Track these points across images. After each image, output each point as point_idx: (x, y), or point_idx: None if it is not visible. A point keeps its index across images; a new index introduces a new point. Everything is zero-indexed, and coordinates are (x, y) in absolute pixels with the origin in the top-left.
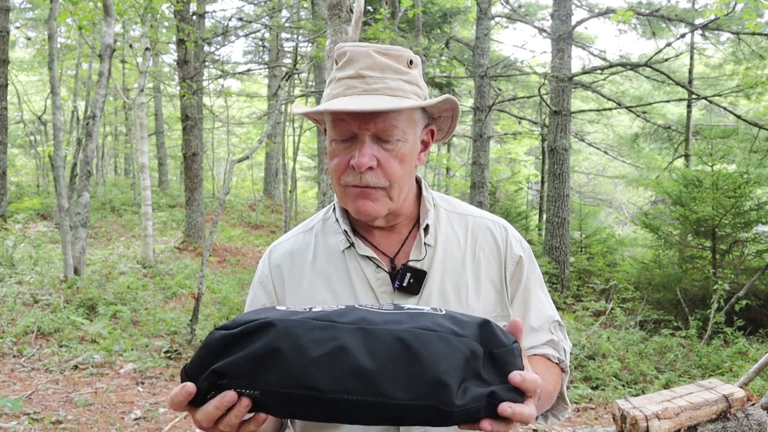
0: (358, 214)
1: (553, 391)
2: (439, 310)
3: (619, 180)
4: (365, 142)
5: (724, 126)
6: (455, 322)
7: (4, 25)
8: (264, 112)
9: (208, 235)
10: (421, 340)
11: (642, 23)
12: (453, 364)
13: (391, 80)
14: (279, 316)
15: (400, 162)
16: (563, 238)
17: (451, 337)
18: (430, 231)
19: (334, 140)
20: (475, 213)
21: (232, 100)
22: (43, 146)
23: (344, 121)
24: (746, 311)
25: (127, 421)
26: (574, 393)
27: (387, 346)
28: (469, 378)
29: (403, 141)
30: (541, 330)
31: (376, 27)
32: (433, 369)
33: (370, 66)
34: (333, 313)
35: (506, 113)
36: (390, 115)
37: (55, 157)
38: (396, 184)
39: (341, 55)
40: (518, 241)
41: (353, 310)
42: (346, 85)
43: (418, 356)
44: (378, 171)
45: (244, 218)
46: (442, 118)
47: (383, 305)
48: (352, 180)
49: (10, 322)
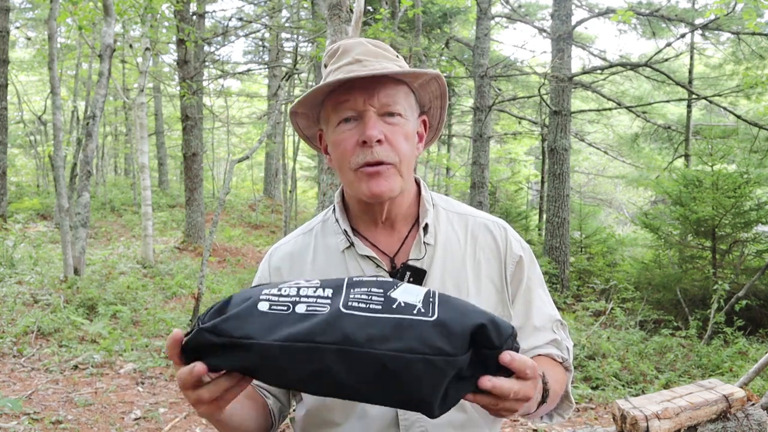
0: (372, 196)
1: (559, 390)
2: (431, 308)
3: (619, 180)
4: (372, 117)
5: (724, 126)
6: (445, 333)
7: (4, 25)
8: (264, 112)
9: (208, 235)
10: (405, 365)
11: (642, 23)
12: (437, 385)
13: (386, 63)
14: (259, 330)
15: (406, 138)
16: (563, 238)
17: (438, 360)
18: (430, 230)
19: (338, 124)
20: (474, 213)
21: (232, 100)
22: (43, 146)
23: (348, 100)
24: (746, 311)
25: (127, 421)
26: (574, 393)
27: (370, 369)
28: (452, 384)
29: (405, 118)
30: (544, 329)
31: (376, 27)
32: (416, 393)
33: (365, 53)
34: (316, 328)
35: (506, 113)
36: (391, 90)
37: (55, 157)
38: (404, 159)
39: (334, 50)
40: (518, 241)
41: (338, 320)
42: (345, 70)
43: (401, 381)
44: (387, 145)
45: (244, 218)
46: (432, 108)
47: (372, 291)
48: (363, 158)
49: (10, 322)
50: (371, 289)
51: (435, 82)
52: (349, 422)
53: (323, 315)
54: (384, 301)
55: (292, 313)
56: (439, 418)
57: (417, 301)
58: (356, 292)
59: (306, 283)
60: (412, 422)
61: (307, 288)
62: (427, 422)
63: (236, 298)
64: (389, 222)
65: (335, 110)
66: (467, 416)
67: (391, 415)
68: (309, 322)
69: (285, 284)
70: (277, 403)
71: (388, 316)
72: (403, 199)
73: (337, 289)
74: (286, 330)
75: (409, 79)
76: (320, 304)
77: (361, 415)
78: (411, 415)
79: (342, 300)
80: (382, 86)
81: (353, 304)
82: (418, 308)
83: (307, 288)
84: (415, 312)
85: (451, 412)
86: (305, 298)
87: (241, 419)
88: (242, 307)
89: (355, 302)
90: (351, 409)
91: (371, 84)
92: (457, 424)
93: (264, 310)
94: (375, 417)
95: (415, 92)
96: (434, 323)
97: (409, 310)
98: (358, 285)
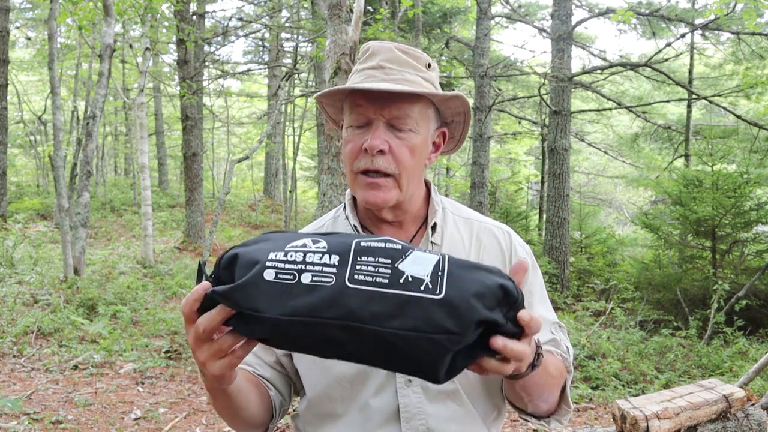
0: (367, 203)
1: (556, 375)
2: (439, 283)
3: (619, 180)
4: (379, 127)
5: (724, 126)
6: (451, 312)
7: (4, 25)
8: (264, 112)
9: (208, 235)
10: (409, 343)
11: (642, 23)
12: (441, 360)
13: (409, 74)
14: (266, 303)
15: (411, 152)
16: (563, 238)
17: (443, 338)
18: (437, 230)
19: (350, 126)
20: (480, 218)
21: (232, 100)
22: (43, 146)
23: (361, 106)
24: (746, 311)
25: (127, 421)
26: (574, 393)
27: (374, 344)
28: (459, 355)
29: (415, 132)
30: (543, 330)
31: (376, 27)
32: (421, 366)
33: (390, 59)
34: (321, 303)
35: (506, 113)
36: (404, 104)
37: (55, 157)
38: (405, 173)
39: (365, 50)
40: (522, 246)
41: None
42: (366, 74)
43: (406, 356)
44: (389, 156)
45: (244, 218)
46: (454, 123)
47: (380, 261)
48: (363, 164)
49: (10, 322)
50: (379, 260)
51: (457, 99)
52: (351, 414)
53: (328, 288)
54: (391, 274)
55: (297, 283)
56: (438, 411)
57: (425, 275)
58: (363, 262)
59: (313, 246)
60: (413, 415)
61: (314, 254)
62: (428, 415)
63: (242, 257)
64: (398, 222)
65: (350, 112)
66: (466, 410)
67: (392, 408)
68: (313, 295)
69: (292, 246)
70: (279, 396)
71: (393, 291)
72: (413, 201)
73: (344, 256)
74: (292, 302)
75: (428, 96)
76: (326, 274)
77: (362, 407)
78: (411, 408)
79: (348, 272)
80: (395, 99)
81: (359, 277)
82: (426, 283)
83: (313, 254)
84: (422, 288)
85: (451, 406)
86: (311, 266)
87: (246, 399)
88: (249, 276)
89: (361, 275)
90: (353, 401)
91: (385, 95)
92: (457, 418)
93: (270, 279)
94: (376, 409)
95: (437, 105)
96: (440, 301)
97: (416, 285)
98: (365, 252)
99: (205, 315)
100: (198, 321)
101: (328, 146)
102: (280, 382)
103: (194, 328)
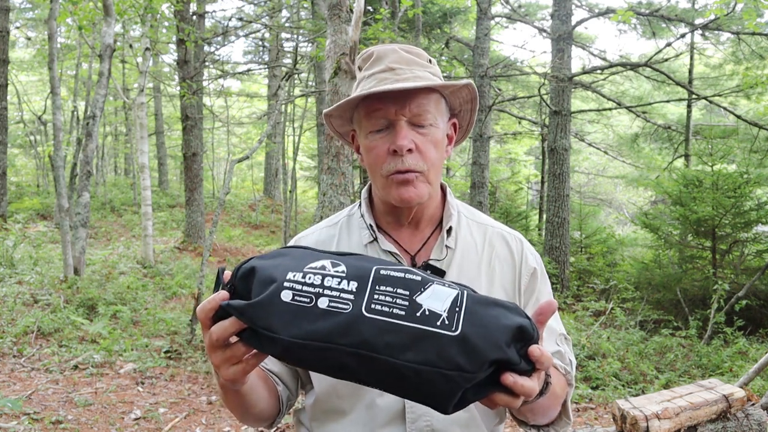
0: (402, 201)
1: (561, 394)
2: (456, 320)
3: (619, 180)
4: (403, 126)
5: (724, 126)
6: (466, 349)
7: (4, 25)
8: (264, 112)
9: (208, 235)
10: (421, 376)
11: (642, 23)
12: (452, 395)
13: (419, 71)
14: (281, 324)
15: (435, 147)
16: (563, 238)
17: (455, 375)
18: (452, 234)
19: (370, 132)
20: (493, 224)
21: (232, 100)
22: (43, 146)
23: (380, 110)
24: (746, 311)
25: (127, 421)
26: (574, 393)
27: (386, 374)
28: (469, 391)
29: (435, 126)
30: (549, 341)
31: (376, 27)
32: (431, 397)
33: (398, 60)
34: (336, 329)
35: (506, 113)
36: (422, 99)
37: (55, 157)
38: (433, 168)
39: (368, 56)
40: (533, 254)
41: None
42: (378, 78)
43: (416, 388)
44: (416, 154)
45: (244, 218)
46: (462, 111)
47: (398, 292)
48: (394, 166)
49: (10, 322)
50: (397, 290)
51: (466, 88)
52: (357, 411)
53: (344, 315)
54: (408, 306)
55: (314, 307)
56: (443, 415)
57: (443, 310)
58: (381, 291)
59: (332, 270)
60: (419, 416)
61: (332, 278)
62: (433, 417)
63: (260, 272)
64: (414, 223)
65: (368, 117)
66: (471, 415)
67: (398, 408)
68: (329, 321)
69: (311, 267)
70: (286, 390)
71: (409, 324)
72: (430, 202)
73: (363, 283)
74: (306, 326)
75: (440, 88)
76: (343, 300)
77: (369, 405)
78: (417, 408)
79: (365, 300)
80: (413, 97)
81: (376, 307)
82: (443, 319)
83: (332, 278)
84: (439, 323)
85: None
86: (328, 290)
87: (257, 396)
88: (266, 294)
89: (378, 305)
90: (360, 399)
91: (403, 94)
92: (461, 422)
93: (286, 300)
94: (383, 408)
95: (446, 97)
96: (456, 339)
97: (433, 320)
98: (384, 281)
99: (218, 324)
100: (212, 329)
101: (328, 146)
102: (288, 377)
103: (209, 334)
